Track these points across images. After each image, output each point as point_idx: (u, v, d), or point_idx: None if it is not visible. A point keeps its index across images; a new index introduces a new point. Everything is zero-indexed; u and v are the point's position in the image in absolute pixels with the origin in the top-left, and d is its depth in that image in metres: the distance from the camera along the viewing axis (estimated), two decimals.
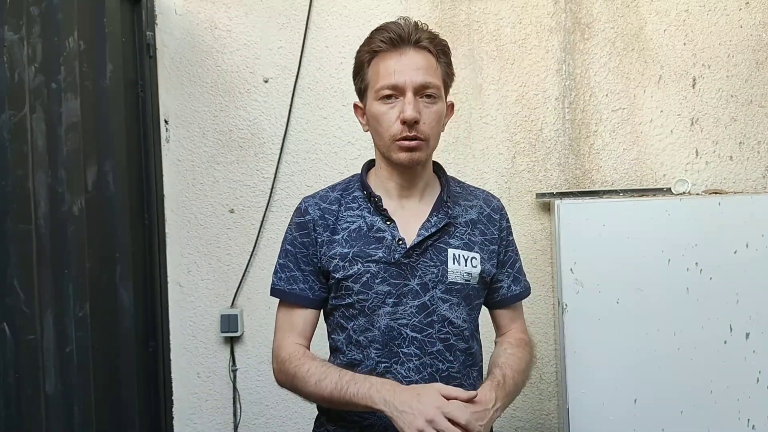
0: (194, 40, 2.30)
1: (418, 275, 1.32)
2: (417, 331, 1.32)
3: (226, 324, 2.28)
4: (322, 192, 1.41)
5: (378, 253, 1.32)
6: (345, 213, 1.36)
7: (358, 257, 1.32)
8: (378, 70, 1.31)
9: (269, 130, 2.29)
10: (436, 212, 1.36)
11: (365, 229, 1.34)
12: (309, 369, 1.30)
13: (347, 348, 1.35)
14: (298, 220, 1.38)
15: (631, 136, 2.22)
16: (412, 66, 1.30)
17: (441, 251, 1.34)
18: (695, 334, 1.93)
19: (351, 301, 1.33)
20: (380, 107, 1.30)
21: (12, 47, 1.62)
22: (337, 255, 1.33)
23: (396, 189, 1.37)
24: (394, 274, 1.31)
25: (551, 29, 2.23)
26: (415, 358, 1.32)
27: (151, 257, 2.23)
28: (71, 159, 1.80)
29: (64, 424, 1.74)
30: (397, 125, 1.29)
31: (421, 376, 1.31)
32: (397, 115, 1.29)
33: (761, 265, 1.92)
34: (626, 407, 1.95)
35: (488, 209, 1.43)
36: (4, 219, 1.60)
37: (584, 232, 1.97)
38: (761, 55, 2.19)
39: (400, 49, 1.31)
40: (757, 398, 1.92)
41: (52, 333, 1.71)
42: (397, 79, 1.29)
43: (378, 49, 1.31)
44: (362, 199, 1.37)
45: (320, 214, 1.36)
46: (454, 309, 1.35)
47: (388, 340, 1.31)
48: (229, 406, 2.32)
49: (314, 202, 1.39)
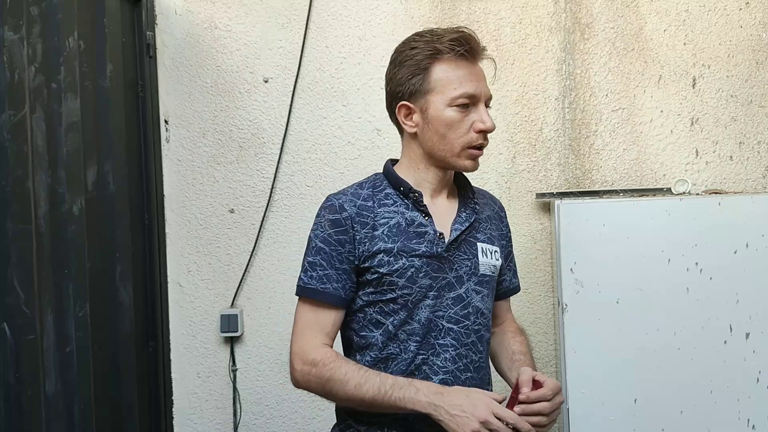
0: (194, 40, 2.30)
1: (455, 268, 1.36)
2: (453, 322, 1.35)
3: (226, 324, 2.28)
4: (352, 189, 1.40)
5: (421, 247, 1.33)
6: (380, 209, 1.36)
7: (402, 252, 1.32)
8: (450, 75, 1.31)
9: (269, 130, 2.29)
10: (464, 208, 1.41)
11: (404, 224, 1.34)
12: (347, 372, 1.28)
13: (383, 343, 1.34)
14: (332, 217, 1.35)
15: (631, 136, 2.22)
16: (483, 77, 1.36)
17: (471, 245, 1.39)
18: (695, 334, 1.93)
19: (394, 296, 1.33)
20: (455, 114, 1.32)
21: (12, 47, 1.62)
22: (381, 250, 1.32)
23: (430, 187, 1.40)
24: (435, 267, 1.34)
25: (551, 29, 2.23)
26: (452, 348, 1.35)
27: (151, 257, 2.23)
28: (71, 159, 1.80)
29: (64, 424, 1.74)
30: (471, 134, 1.33)
31: (456, 366, 1.35)
32: (470, 124, 1.33)
33: (761, 265, 1.92)
34: (626, 407, 1.95)
35: (496, 207, 1.53)
36: (4, 219, 1.60)
37: (584, 232, 1.97)
38: (761, 55, 2.19)
39: (472, 59, 1.33)
40: (757, 398, 1.92)
41: (52, 333, 1.71)
42: (476, 89, 1.32)
43: (445, 52, 1.31)
44: (395, 196, 1.38)
45: (357, 211, 1.35)
46: (484, 300, 1.40)
47: (427, 332, 1.34)
48: (229, 406, 2.32)
49: (348, 198, 1.37)
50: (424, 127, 1.34)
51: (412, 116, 1.36)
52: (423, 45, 1.32)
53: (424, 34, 1.34)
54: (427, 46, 1.32)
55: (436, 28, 1.35)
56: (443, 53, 1.31)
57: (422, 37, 1.33)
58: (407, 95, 1.35)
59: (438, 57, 1.31)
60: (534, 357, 2.23)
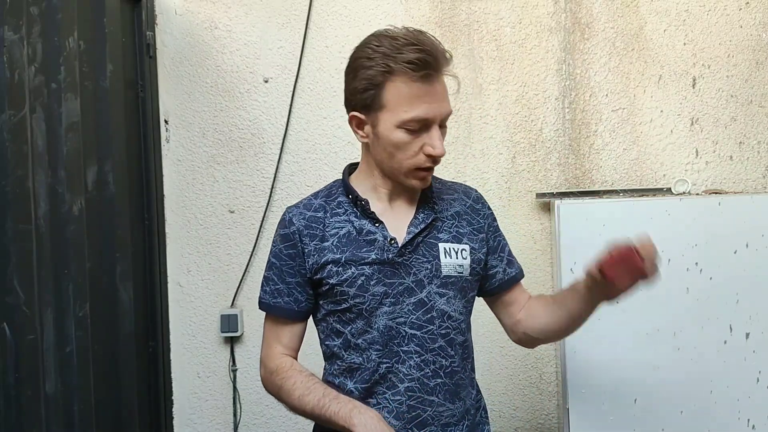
0: (194, 40, 2.30)
1: (413, 272, 1.32)
2: (416, 328, 1.32)
3: (226, 324, 2.28)
4: (305, 200, 1.40)
5: (371, 255, 1.31)
6: (332, 219, 1.35)
7: (350, 261, 1.31)
8: (402, 95, 1.24)
9: (269, 130, 2.29)
10: (422, 209, 1.36)
11: (354, 233, 1.33)
12: (294, 383, 1.32)
13: (345, 352, 1.34)
14: (282, 231, 1.37)
15: (631, 136, 2.22)
16: (440, 96, 1.27)
17: (432, 246, 1.35)
18: (695, 334, 1.93)
19: (347, 306, 1.32)
20: (404, 136, 1.26)
21: (12, 47, 1.62)
22: (330, 261, 1.32)
23: (387, 193, 1.37)
24: (388, 273, 1.31)
25: (551, 29, 2.23)
26: (416, 355, 1.32)
27: (151, 257, 2.23)
28: (71, 159, 1.80)
29: (64, 424, 1.74)
30: (420, 157, 1.28)
31: (423, 373, 1.32)
32: (420, 146, 1.27)
33: (761, 265, 1.92)
34: (626, 407, 1.95)
35: (469, 200, 1.44)
36: (4, 219, 1.60)
37: (584, 232, 1.97)
38: (761, 55, 2.19)
39: (429, 77, 1.24)
40: (757, 398, 1.92)
41: (52, 333, 1.71)
42: (428, 113, 1.25)
43: (401, 70, 1.23)
44: (347, 204, 1.36)
45: (305, 223, 1.35)
46: (451, 302, 1.35)
47: (388, 339, 1.31)
48: (229, 406, 2.32)
49: (298, 211, 1.37)
50: (374, 141, 1.31)
51: (363, 127, 1.32)
52: (379, 59, 1.24)
53: (383, 43, 1.25)
54: (382, 61, 1.24)
55: (398, 35, 1.25)
56: (397, 72, 1.23)
57: (380, 47, 1.25)
58: (359, 107, 1.30)
59: (391, 74, 1.24)
60: (534, 357, 2.25)
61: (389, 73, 1.24)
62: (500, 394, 2.25)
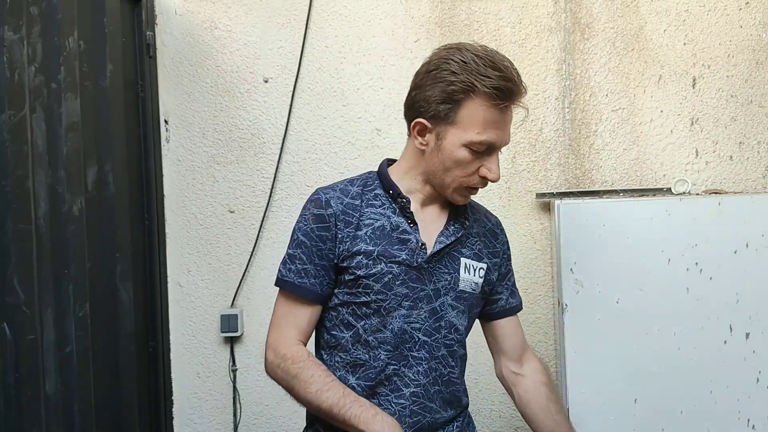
0: (194, 40, 2.30)
1: (433, 281, 1.34)
2: (427, 335, 1.33)
3: (226, 324, 2.28)
4: (341, 185, 1.36)
5: (401, 254, 1.31)
6: (367, 209, 1.33)
7: (382, 256, 1.30)
8: (478, 117, 1.24)
9: (269, 130, 2.29)
10: (454, 221, 1.37)
11: (389, 228, 1.32)
12: (312, 375, 1.28)
13: (353, 347, 1.33)
14: (317, 211, 1.32)
15: (631, 136, 2.22)
16: (509, 124, 1.29)
17: (455, 259, 1.36)
18: (695, 334, 1.93)
19: (368, 300, 1.31)
20: (466, 156, 1.27)
21: (12, 47, 1.62)
22: (361, 252, 1.30)
23: (422, 198, 1.36)
24: (413, 277, 1.32)
25: (551, 29, 2.23)
26: (424, 362, 1.33)
27: (151, 257, 2.23)
28: (71, 159, 1.80)
29: (64, 424, 1.74)
30: (475, 177, 1.30)
31: (428, 380, 1.34)
32: (477, 168, 1.29)
33: (761, 265, 1.92)
34: (626, 407, 1.95)
35: (490, 224, 1.47)
36: (4, 219, 1.60)
37: (584, 232, 1.97)
38: (761, 55, 2.19)
39: (506, 106, 1.25)
40: (757, 398, 1.92)
41: (52, 333, 1.71)
42: (496, 139, 1.27)
43: (482, 95, 1.23)
44: (384, 198, 1.34)
45: (342, 208, 1.31)
46: (460, 316, 1.37)
47: (400, 342, 1.32)
48: (229, 406, 2.32)
49: (336, 195, 1.33)
50: (434, 151, 1.30)
51: (425, 134, 1.30)
52: (464, 76, 1.23)
53: (469, 59, 1.24)
54: (467, 78, 1.23)
55: (484, 55, 1.24)
56: (480, 94, 1.23)
57: (466, 63, 1.23)
58: (428, 115, 1.28)
59: (473, 94, 1.23)
60: None
61: (471, 93, 1.23)
62: (500, 395, 2.25)
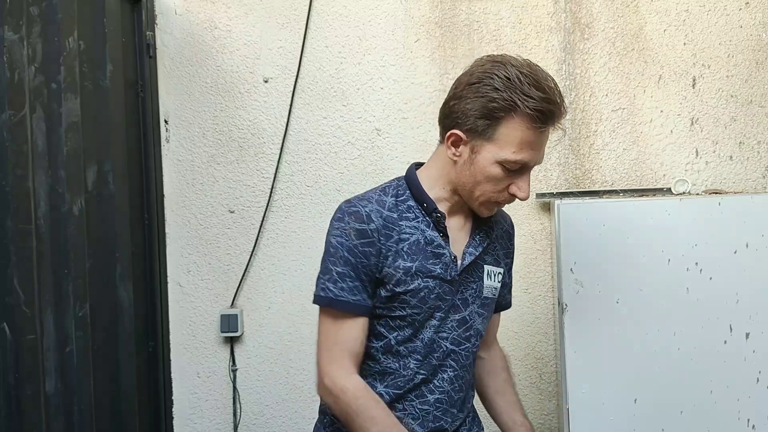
0: (194, 40, 2.30)
1: (461, 290, 1.35)
2: (455, 344, 1.35)
3: (226, 324, 2.28)
4: (376, 196, 1.31)
5: (436, 269, 1.30)
6: (402, 222, 1.30)
7: (419, 272, 1.29)
8: (516, 136, 1.23)
9: (269, 130, 2.29)
10: (478, 230, 1.37)
11: (423, 243, 1.30)
12: (374, 417, 1.25)
13: (383, 356, 1.32)
14: (359, 226, 1.26)
15: (631, 136, 2.22)
16: (545, 145, 1.29)
17: (478, 267, 1.37)
18: (695, 334, 1.93)
19: (403, 314, 1.30)
20: (499, 173, 1.26)
21: (12, 47, 1.62)
22: (400, 268, 1.28)
23: (447, 205, 1.35)
24: (446, 290, 1.32)
25: (551, 29, 2.23)
26: (451, 370, 1.35)
27: (151, 257, 2.23)
28: (71, 159, 1.80)
29: (64, 424, 1.74)
30: (504, 194, 1.29)
31: (453, 387, 1.36)
32: (508, 185, 1.28)
33: (761, 265, 1.92)
34: (626, 407, 1.95)
35: (506, 225, 1.49)
36: (4, 219, 1.60)
37: (584, 232, 1.97)
38: (761, 55, 2.19)
39: (545, 128, 1.25)
40: (757, 398, 1.92)
41: (52, 333, 1.71)
42: (531, 159, 1.26)
43: (523, 115, 1.21)
44: (418, 210, 1.31)
45: (383, 222, 1.28)
46: (483, 323, 1.41)
47: (429, 352, 1.33)
48: (229, 406, 2.32)
49: (375, 208, 1.28)
50: (466, 164, 1.28)
51: (459, 146, 1.28)
52: (507, 93, 1.21)
53: (512, 75, 1.21)
54: (510, 97, 1.21)
55: (529, 73, 1.22)
56: (521, 114, 1.21)
57: (510, 80, 1.21)
58: (465, 128, 1.26)
59: (514, 114, 1.22)
60: (534, 357, 2.25)
61: (512, 111, 1.22)
62: None
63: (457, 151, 1.28)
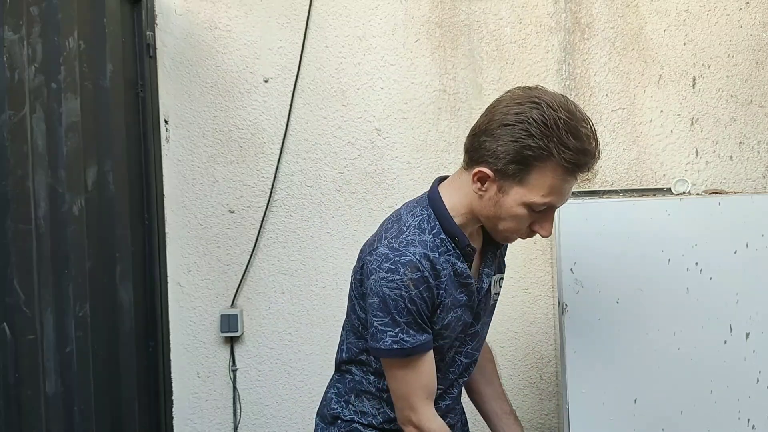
0: (194, 40, 2.30)
1: (475, 308, 1.37)
2: (469, 357, 1.40)
3: (226, 324, 2.28)
4: (417, 238, 1.28)
5: (463, 298, 1.32)
6: (441, 258, 1.28)
7: (453, 305, 1.30)
8: (546, 182, 1.21)
9: (269, 130, 2.29)
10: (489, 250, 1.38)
11: (453, 275, 1.30)
12: None
13: None
14: (415, 276, 1.24)
15: (631, 136, 2.22)
16: (571, 189, 1.28)
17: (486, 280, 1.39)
18: (695, 334, 1.93)
19: (436, 345, 1.32)
20: (524, 213, 1.24)
21: (12, 47, 1.62)
22: (442, 304, 1.29)
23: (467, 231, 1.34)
24: (468, 315, 1.35)
25: (551, 29, 2.23)
26: (462, 379, 1.42)
27: (151, 257, 2.23)
28: (71, 159, 1.80)
29: (64, 424, 1.74)
30: (526, 231, 1.29)
31: (460, 392, 1.44)
32: (531, 223, 1.27)
33: (761, 265, 1.91)
34: (626, 407, 1.95)
35: None
36: (4, 219, 1.60)
37: (584, 232, 1.96)
38: (761, 55, 2.19)
39: (574, 176, 1.24)
40: (757, 398, 1.92)
41: (52, 333, 1.71)
42: (557, 202, 1.26)
43: (556, 162, 1.19)
44: (448, 243, 1.29)
45: (431, 265, 1.26)
46: (489, 330, 1.46)
47: (448, 368, 1.37)
48: (229, 406, 2.32)
49: (421, 251, 1.26)
50: (491, 200, 1.26)
51: (485, 182, 1.25)
52: (543, 142, 1.17)
53: (549, 121, 1.17)
54: (546, 146, 1.17)
55: (566, 118, 1.19)
56: (555, 163, 1.19)
57: (547, 127, 1.17)
58: (495, 168, 1.23)
59: (548, 160, 1.19)
60: (534, 357, 2.25)
61: (546, 159, 1.19)
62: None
63: (483, 187, 1.26)
